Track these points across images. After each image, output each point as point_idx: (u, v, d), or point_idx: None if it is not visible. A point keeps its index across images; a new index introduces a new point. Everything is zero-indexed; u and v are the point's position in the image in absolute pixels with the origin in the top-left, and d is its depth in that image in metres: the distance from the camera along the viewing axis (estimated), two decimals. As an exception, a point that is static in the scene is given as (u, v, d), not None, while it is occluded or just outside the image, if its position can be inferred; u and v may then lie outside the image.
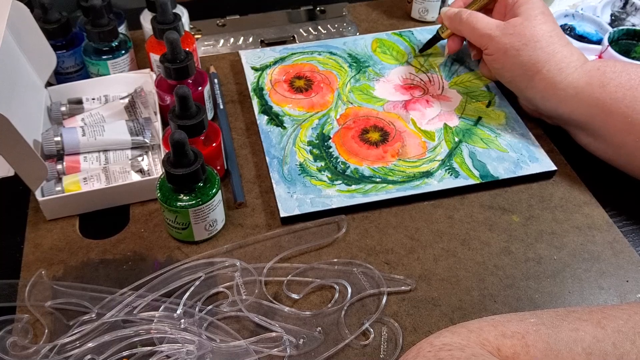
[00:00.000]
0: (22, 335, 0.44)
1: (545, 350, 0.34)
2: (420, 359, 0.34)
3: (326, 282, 0.48)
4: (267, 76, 0.67)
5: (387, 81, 0.67)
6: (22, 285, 0.47)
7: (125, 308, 0.45)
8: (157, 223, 0.53)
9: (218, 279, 0.48)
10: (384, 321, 0.46)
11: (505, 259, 0.50)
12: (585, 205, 0.55)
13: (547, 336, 0.35)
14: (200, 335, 0.43)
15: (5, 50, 0.51)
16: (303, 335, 0.44)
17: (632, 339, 0.34)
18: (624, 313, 0.36)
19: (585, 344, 0.34)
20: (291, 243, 0.51)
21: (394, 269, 0.49)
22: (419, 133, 0.60)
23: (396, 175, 0.56)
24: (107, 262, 0.50)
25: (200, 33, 0.75)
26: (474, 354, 0.33)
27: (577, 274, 0.49)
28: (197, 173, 0.47)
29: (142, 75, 0.63)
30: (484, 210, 0.54)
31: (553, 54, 0.56)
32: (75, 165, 0.55)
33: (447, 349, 0.34)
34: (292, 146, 0.59)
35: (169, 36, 0.54)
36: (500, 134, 0.60)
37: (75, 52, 0.64)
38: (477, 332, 0.35)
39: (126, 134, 0.56)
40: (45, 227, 0.52)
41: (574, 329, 0.35)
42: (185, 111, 0.50)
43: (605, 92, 0.53)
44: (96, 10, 0.59)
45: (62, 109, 0.60)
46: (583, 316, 0.36)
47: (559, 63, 0.56)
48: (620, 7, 0.76)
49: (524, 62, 0.57)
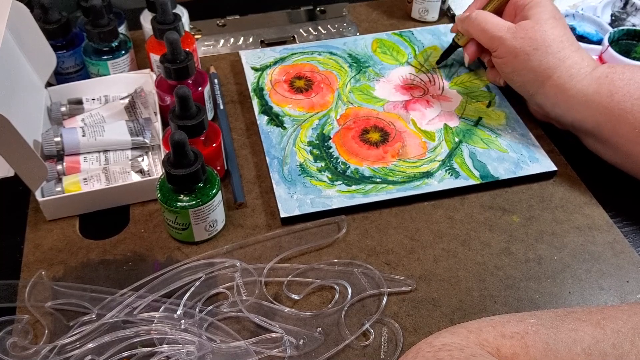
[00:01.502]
0: (22, 335, 0.44)
1: (545, 351, 0.34)
2: (419, 359, 0.34)
3: (326, 283, 0.48)
4: (267, 76, 0.67)
5: (387, 81, 0.67)
6: (22, 286, 0.47)
7: (126, 309, 0.45)
8: (157, 223, 0.53)
9: (218, 280, 0.48)
10: (384, 322, 0.46)
11: (505, 259, 0.50)
12: (585, 205, 0.55)
13: (546, 336, 0.35)
14: (200, 335, 0.43)
15: (5, 50, 0.51)
16: (303, 336, 0.44)
17: (631, 340, 0.34)
18: (624, 314, 0.36)
19: (584, 345, 0.34)
20: (291, 243, 0.51)
21: (394, 269, 0.49)
22: (419, 133, 0.60)
23: (396, 176, 0.56)
24: (107, 263, 0.49)
25: (200, 33, 0.75)
26: (473, 354, 0.33)
27: (577, 274, 0.49)
28: (197, 173, 0.47)
29: (142, 76, 0.63)
30: (484, 210, 0.54)
31: (564, 60, 0.55)
32: (75, 166, 0.54)
33: (446, 349, 0.34)
34: (292, 146, 0.59)
35: (169, 36, 0.54)
36: (501, 134, 0.60)
37: (75, 52, 0.64)
38: (476, 333, 0.35)
39: (126, 134, 0.56)
40: (45, 228, 0.52)
41: (573, 330, 0.35)
42: (185, 111, 0.50)
43: (613, 101, 0.53)
44: (96, 11, 0.59)
45: (62, 109, 0.59)
46: (582, 317, 0.36)
47: (569, 69, 0.55)
48: (621, 7, 0.76)
49: (535, 67, 0.56)
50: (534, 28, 0.57)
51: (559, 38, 0.56)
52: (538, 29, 0.56)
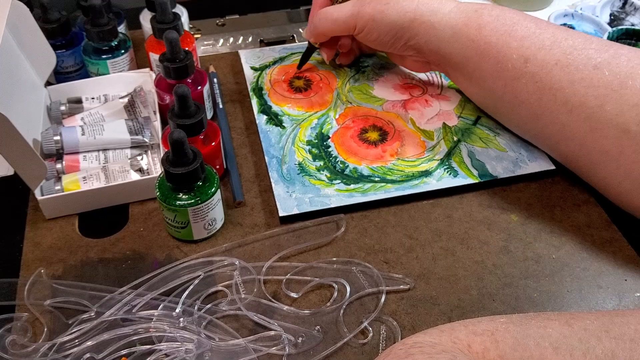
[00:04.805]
0: (21, 333, 0.44)
1: (514, 345, 0.35)
2: (391, 356, 0.34)
3: (325, 281, 0.48)
4: (267, 76, 0.67)
5: (386, 81, 0.67)
6: (22, 284, 0.47)
7: (125, 307, 0.45)
8: (156, 222, 0.53)
9: (217, 278, 0.48)
10: (382, 320, 0.46)
11: (504, 258, 0.50)
12: (583, 204, 0.55)
13: (515, 332, 0.36)
14: (199, 333, 0.43)
15: (5, 49, 0.51)
16: (302, 334, 0.44)
17: (597, 336, 0.35)
18: (592, 315, 0.38)
19: (552, 339, 0.35)
20: (290, 242, 0.51)
21: (392, 268, 0.49)
22: (417, 132, 0.60)
23: (395, 175, 0.56)
24: (106, 261, 0.50)
25: (199, 32, 0.75)
26: (445, 350, 0.34)
27: (575, 272, 0.49)
28: (196, 172, 0.47)
29: (141, 75, 0.63)
30: (482, 209, 0.54)
31: (418, 0, 0.56)
32: (75, 165, 0.55)
33: (417, 346, 0.34)
34: (291, 146, 0.59)
35: (168, 36, 0.54)
36: (499, 133, 0.60)
37: (74, 52, 0.64)
38: (448, 332, 0.36)
39: (125, 133, 0.56)
40: (44, 226, 0.52)
41: (541, 327, 0.36)
42: (184, 110, 0.50)
43: (480, 35, 0.54)
44: (96, 10, 0.59)
45: (62, 108, 0.60)
46: (552, 317, 0.37)
47: (428, 5, 0.56)
48: (620, 6, 0.76)
49: (395, 19, 0.56)
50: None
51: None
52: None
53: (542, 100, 0.52)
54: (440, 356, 0.33)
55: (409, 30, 0.57)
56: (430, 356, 0.33)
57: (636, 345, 0.35)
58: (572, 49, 0.50)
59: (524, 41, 0.52)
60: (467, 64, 0.55)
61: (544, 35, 0.52)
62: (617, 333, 0.36)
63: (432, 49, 0.57)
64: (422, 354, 0.33)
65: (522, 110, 0.54)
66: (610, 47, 0.50)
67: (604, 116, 0.48)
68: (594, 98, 0.49)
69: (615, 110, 0.48)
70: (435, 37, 0.56)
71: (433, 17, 0.55)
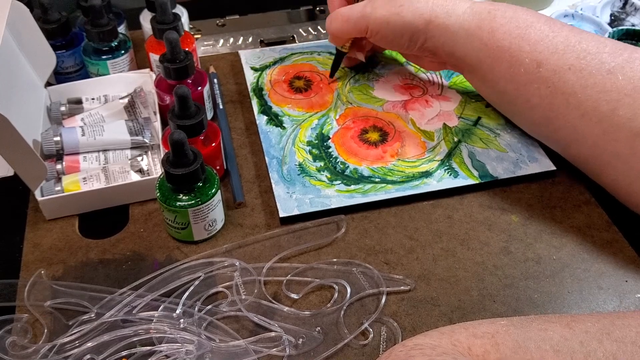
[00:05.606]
0: (21, 334, 0.44)
1: (515, 348, 0.35)
2: (392, 358, 0.35)
3: (325, 282, 0.48)
4: (267, 76, 0.67)
5: (386, 81, 0.67)
6: (22, 285, 0.47)
7: (125, 308, 0.45)
8: (156, 223, 0.53)
9: (217, 279, 0.48)
10: (383, 321, 0.46)
11: (504, 258, 0.50)
12: (584, 205, 0.55)
13: (516, 335, 0.36)
14: (199, 335, 0.43)
15: (5, 50, 0.51)
16: (302, 335, 0.44)
17: (599, 339, 0.35)
18: (593, 318, 0.37)
19: (553, 342, 0.35)
20: (290, 243, 0.51)
21: (393, 268, 0.49)
22: (418, 133, 0.60)
23: (395, 175, 0.56)
24: (106, 262, 0.50)
25: (199, 33, 0.75)
26: (445, 352, 0.34)
27: (576, 273, 0.49)
28: (196, 173, 0.47)
29: (141, 75, 0.63)
30: (483, 210, 0.54)
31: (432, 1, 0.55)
32: (75, 165, 0.55)
33: (418, 348, 0.35)
34: (291, 146, 0.59)
35: (168, 36, 0.54)
36: (500, 133, 0.60)
37: (74, 52, 0.64)
38: (448, 334, 0.36)
39: (126, 133, 0.56)
40: (44, 227, 0.52)
41: (542, 329, 0.36)
42: (184, 111, 0.50)
43: (493, 38, 0.53)
44: (96, 10, 0.59)
45: (62, 108, 0.60)
46: (552, 319, 0.37)
47: (443, 6, 0.55)
48: (620, 7, 0.76)
49: (410, 21, 0.56)
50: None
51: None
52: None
53: (554, 104, 0.51)
54: (440, 358, 0.33)
55: (425, 33, 0.56)
56: (430, 358, 0.33)
57: (637, 348, 0.35)
58: (585, 53, 0.50)
59: (537, 45, 0.52)
60: (480, 66, 0.55)
61: (557, 38, 0.51)
62: (619, 336, 0.36)
63: (447, 51, 0.57)
64: (422, 356, 0.33)
65: (534, 114, 0.54)
66: (624, 51, 0.50)
67: (617, 120, 0.48)
68: (607, 102, 0.49)
69: (628, 114, 0.48)
70: (451, 40, 0.56)
71: (448, 19, 0.55)
